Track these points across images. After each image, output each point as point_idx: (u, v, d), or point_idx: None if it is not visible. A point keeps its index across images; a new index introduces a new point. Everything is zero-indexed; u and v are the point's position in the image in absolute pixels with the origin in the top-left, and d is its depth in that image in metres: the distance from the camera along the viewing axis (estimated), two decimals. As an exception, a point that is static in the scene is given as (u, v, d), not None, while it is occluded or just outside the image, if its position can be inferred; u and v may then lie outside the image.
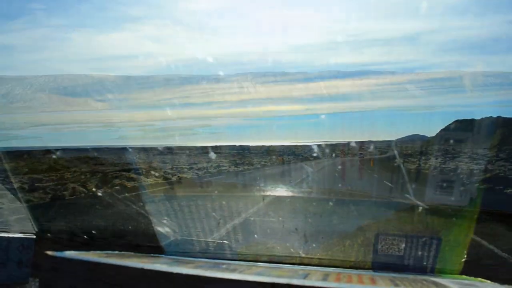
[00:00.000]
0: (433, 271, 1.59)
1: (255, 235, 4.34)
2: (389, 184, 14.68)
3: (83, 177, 14.82)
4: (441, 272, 1.57)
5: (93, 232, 2.47)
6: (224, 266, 1.72)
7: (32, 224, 2.07)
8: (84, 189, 12.00)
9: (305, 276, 1.43)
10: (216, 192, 10.52)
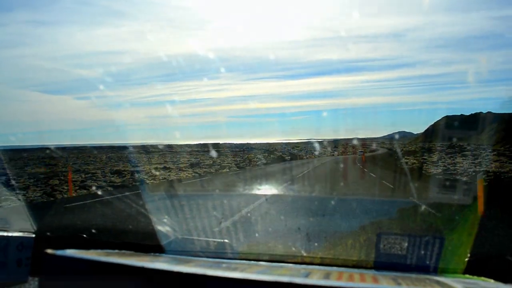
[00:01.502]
0: (436, 270, 1.60)
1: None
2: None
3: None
4: (444, 271, 1.58)
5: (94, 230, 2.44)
6: (225, 264, 1.71)
7: (31, 223, 2.04)
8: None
9: (307, 275, 1.43)
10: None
